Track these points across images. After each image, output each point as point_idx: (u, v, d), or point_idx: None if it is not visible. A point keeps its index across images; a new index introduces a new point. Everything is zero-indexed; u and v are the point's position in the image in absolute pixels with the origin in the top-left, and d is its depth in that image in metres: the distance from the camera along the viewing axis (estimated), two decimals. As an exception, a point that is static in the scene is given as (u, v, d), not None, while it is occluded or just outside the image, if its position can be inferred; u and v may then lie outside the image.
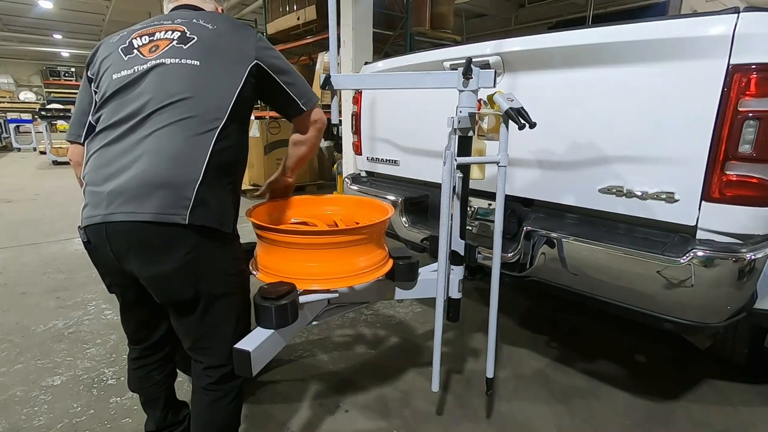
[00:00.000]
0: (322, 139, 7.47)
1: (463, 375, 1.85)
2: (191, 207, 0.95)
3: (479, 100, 1.34)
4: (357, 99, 2.48)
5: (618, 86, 1.39)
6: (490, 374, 1.48)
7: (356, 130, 2.54)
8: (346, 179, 2.62)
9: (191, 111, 0.99)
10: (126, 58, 1.06)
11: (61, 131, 12.27)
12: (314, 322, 1.36)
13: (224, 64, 1.06)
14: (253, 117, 6.13)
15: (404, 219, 2.07)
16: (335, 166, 5.62)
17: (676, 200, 1.29)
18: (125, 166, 0.96)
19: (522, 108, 1.20)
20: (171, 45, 1.06)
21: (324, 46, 5.21)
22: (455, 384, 1.79)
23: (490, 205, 1.92)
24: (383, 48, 5.13)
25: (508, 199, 1.39)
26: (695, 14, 1.44)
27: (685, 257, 1.22)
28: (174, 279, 1.00)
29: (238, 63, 1.07)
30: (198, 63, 1.03)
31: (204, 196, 0.97)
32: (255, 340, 1.07)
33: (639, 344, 2.11)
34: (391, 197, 2.14)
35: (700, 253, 1.21)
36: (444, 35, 5.48)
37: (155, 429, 1.30)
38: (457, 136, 1.33)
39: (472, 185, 1.47)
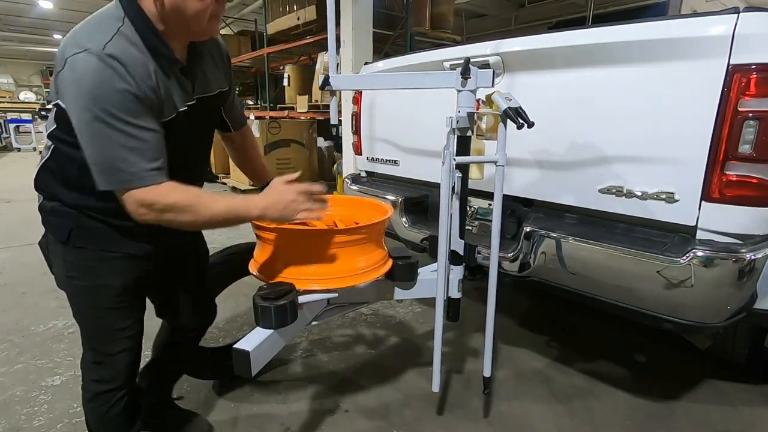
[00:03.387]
0: (322, 139, 7.42)
1: (463, 375, 1.85)
2: (42, 212, 1.07)
3: (478, 100, 1.34)
4: (357, 99, 2.48)
5: (618, 86, 1.38)
6: (487, 373, 1.49)
7: (356, 130, 2.54)
8: (346, 179, 2.62)
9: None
10: None
11: (61, 131, 12.25)
12: (314, 322, 1.36)
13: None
14: (252, 116, 6.13)
15: (404, 219, 2.07)
16: (335, 166, 5.62)
17: (676, 200, 1.29)
18: None
19: (520, 108, 1.20)
20: None
21: (324, 46, 5.20)
22: (455, 384, 1.78)
23: (490, 205, 1.91)
24: (383, 48, 5.13)
25: (508, 199, 1.39)
26: (695, 14, 1.44)
27: (685, 257, 1.22)
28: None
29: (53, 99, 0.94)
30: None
31: (44, 207, 1.06)
32: (254, 340, 1.07)
33: (639, 344, 2.11)
34: (391, 197, 2.13)
35: (700, 253, 1.21)
36: (444, 35, 5.47)
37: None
38: (455, 136, 1.33)
39: (472, 185, 1.47)
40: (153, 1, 0.89)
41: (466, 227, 1.51)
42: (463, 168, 1.41)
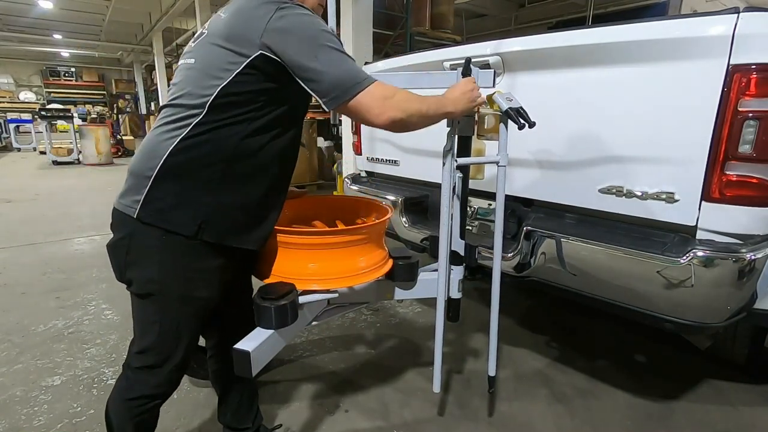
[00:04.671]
0: (322, 139, 7.39)
1: (464, 375, 1.85)
2: (142, 201, 0.96)
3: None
4: (357, 99, 2.48)
5: (618, 86, 1.38)
6: (492, 372, 1.48)
7: (356, 130, 2.54)
8: (346, 179, 2.62)
9: (175, 109, 0.98)
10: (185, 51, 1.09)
11: (61, 131, 12.27)
12: (314, 322, 1.36)
13: (219, 55, 0.95)
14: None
15: (404, 219, 2.07)
16: (335, 166, 5.62)
17: (676, 200, 1.29)
18: None
19: (521, 108, 1.20)
20: (191, 43, 1.07)
21: (324, 46, 5.18)
22: (455, 384, 1.79)
23: (490, 205, 1.92)
24: (383, 48, 5.14)
25: (508, 199, 1.39)
26: (695, 14, 1.44)
27: (685, 257, 1.22)
28: (110, 252, 1.05)
29: (235, 53, 0.93)
30: (193, 61, 1.00)
31: (157, 192, 0.96)
32: (255, 340, 1.07)
33: (639, 344, 2.11)
34: (391, 197, 2.14)
35: (700, 253, 1.21)
36: (444, 35, 5.48)
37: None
38: (456, 136, 1.33)
39: (472, 185, 1.47)
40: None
41: (466, 227, 1.51)
42: (464, 168, 1.41)
